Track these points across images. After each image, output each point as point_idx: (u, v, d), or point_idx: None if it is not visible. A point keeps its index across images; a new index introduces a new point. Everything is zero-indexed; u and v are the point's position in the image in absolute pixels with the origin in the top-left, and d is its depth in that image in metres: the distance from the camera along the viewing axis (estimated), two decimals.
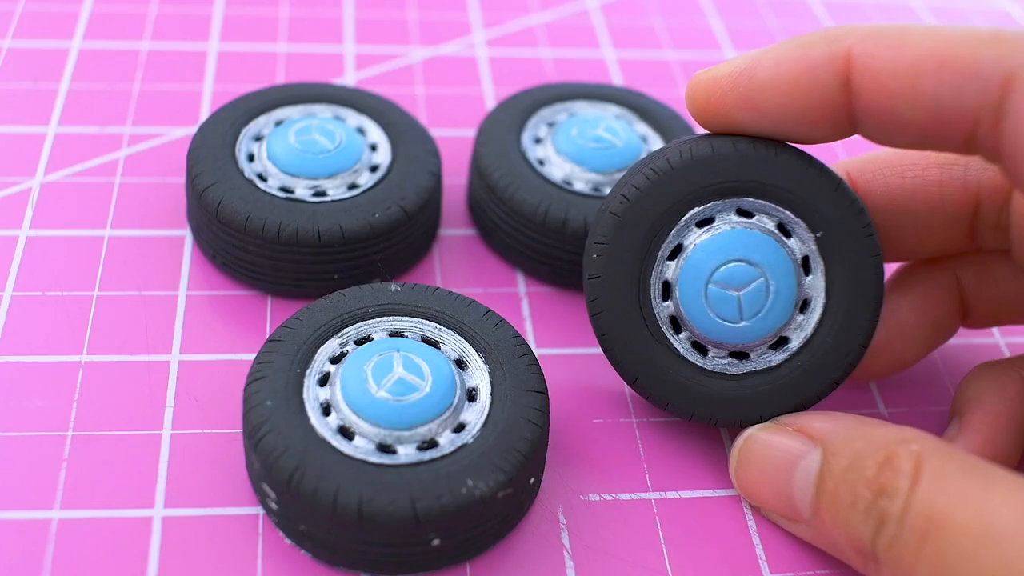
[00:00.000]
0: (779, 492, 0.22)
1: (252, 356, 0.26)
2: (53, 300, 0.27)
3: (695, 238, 0.23)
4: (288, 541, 0.22)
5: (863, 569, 0.21)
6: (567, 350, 0.27)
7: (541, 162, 0.29)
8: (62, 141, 0.32)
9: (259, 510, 0.23)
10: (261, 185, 0.27)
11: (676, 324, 0.24)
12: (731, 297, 0.23)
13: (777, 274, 0.23)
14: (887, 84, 0.20)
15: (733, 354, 0.24)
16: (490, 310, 0.25)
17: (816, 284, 0.23)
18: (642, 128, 0.31)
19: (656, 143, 0.31)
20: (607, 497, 0.24)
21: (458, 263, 0.30)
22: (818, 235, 0.23)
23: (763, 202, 0.23)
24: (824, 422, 0.22)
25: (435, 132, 0.34)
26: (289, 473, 0.21)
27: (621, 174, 0.29)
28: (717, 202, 0.23)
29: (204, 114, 0.33)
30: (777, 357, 0.23)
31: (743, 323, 0.23)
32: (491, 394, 0.23)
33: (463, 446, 0.22)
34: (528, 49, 0.38)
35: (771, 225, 0.23)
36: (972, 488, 0.19)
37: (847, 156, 0.35)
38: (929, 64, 0.20)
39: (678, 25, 0.41)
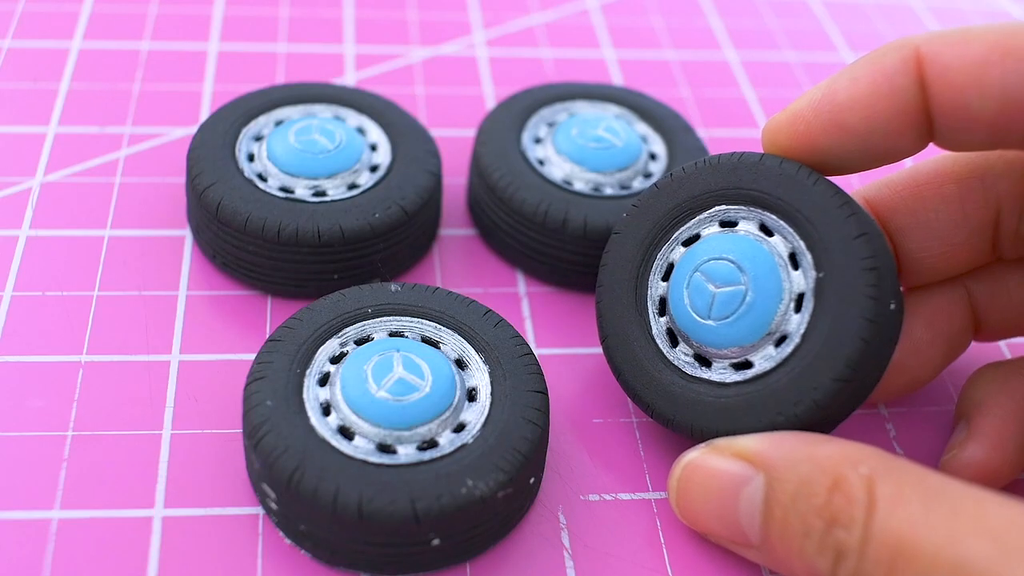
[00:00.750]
0: (724, 520, 0.22)
1: (252, 356, 0.26)
2: (53, 300, 0.27)
3: (681, 254, 0.24)
4: (288, 541, 0.22)
5: None
6: (567, 350, 0.27)
7: (541, 162, 0.29)
8: (62, 141, 0.32)
9: (259, 510, 0.23)
10: (261, 185, 0.27)
11: (673, 337, 0.24)
12: (708, 291, 0.23)
13: (760, 292, 0.22)
14: (956, 79, 0.21)
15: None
16: (490, 310, 0.25)
17: (800, 324, 0.22)
18: (642, 128, 0.31)
19: (656, 143, 0.31)
20: (607, 497, 0.24)
21: (458, 263, 0.30)
22: (820, 275, 0.22)
23: (786, 225, 0.23)
24: (763, 443, 0.21)
25: (435, 132, 0.34)
26: (289, 473, 0.21)
27: (621, 174, 0.29)
28: (742, 207, 0.23)
29: (204, 114, 0.33)
30: (732, 376, 0.23)
31: (708, 322, 0.23)
32: (491, 394, 0.23)
33: (463, 446, 0.22)
34: (528, 49, 0.38)
35: (784, 251, 0.23)
36: (936, 513, 0.18)
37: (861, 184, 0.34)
38: (994, 55, 0.20)
39: (678, 25, 0.41)
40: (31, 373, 0.25)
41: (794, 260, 0.23)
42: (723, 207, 0.24)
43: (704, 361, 0.23)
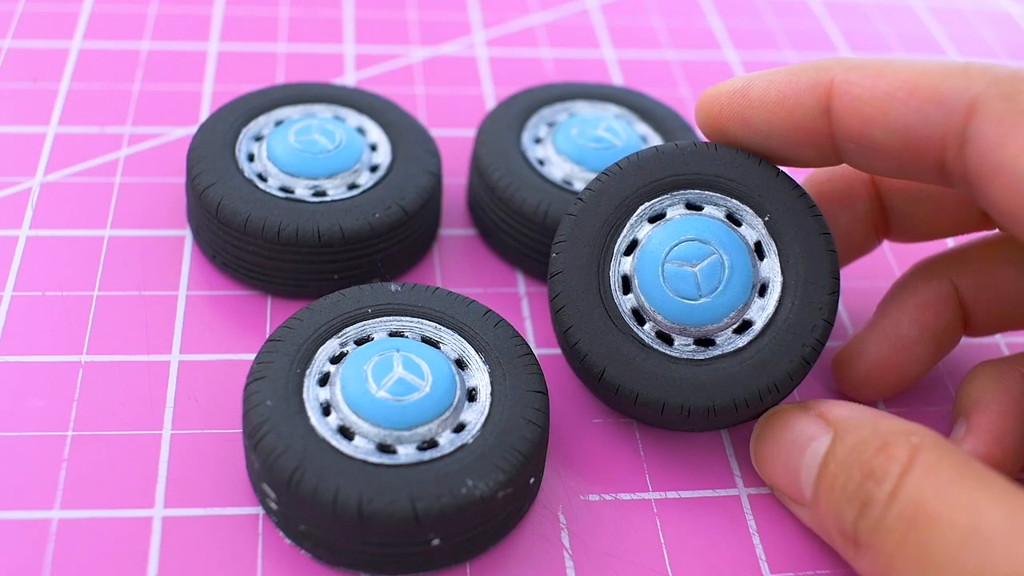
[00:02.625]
0: (789, 472, 0.23)
1: (252, 356, 0.26)
2: (53, 300, 0.27)
3: (648, 231, 0.24)
4: (288, 541, 0.22)
5: (846, 555, 0.21)
6: None
7: (541, 162, 0.29)
8: (62, 141, 0.32)
9: (259, 510, 0.23)
10: (261, 185, 0.27)
11: (639, 316, 0.24)
12: (688, 273, 0.23)
13: (731, 252, 0.23)
14: (862, 110, 0.22)
15: (699, 341, 0.23)
16: (490, 310, 0.25)
17: (772, 267, 0.24)
18: (642, 128, 0.31)
19: (656, 143, 0.31)
20: (607, 497, 0.24)
21: (458, 263, 0.30)
22: (766, 219, 0.24)
23: (709, 193, 0.24)
24: (843, 409, 0.22)
25: (435, 132, 0.34)
26: (289, 473, 0.21)
27: None
28: (665, 196, 0.24)
29: (204, 114, 0.33)
30: (742, 339, 0.23)
31: (703, 299, 0.23)
32: (491, 394, 0.23)
33: (463, 446, 0.22)
34: (528, 49, 0.38)
35: (720, 215, 0.24)
36: (964, 484, 0.19)
37: None
38: (900, 92, 0.21)
39: (678, 25, 0.41)
40: (31, 373, 0.25)
41: (733, 220, 0.24)
42: (646, 204, 0.24)
43: (707, 342, 0.23)
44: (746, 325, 0.24)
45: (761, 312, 0.23)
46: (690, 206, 0.24)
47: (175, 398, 0.25)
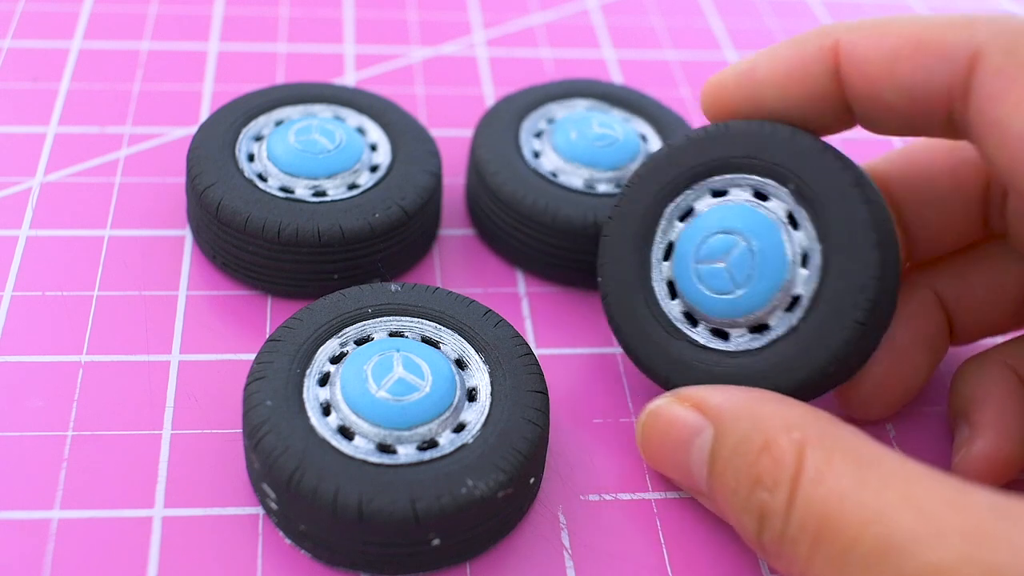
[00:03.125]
0: (679, 467, 0.22)
1: (252, 356, 0.26)
2: (53, 300, 0.27)
3: (680, 230, 0.24)
4: (288, 541, 0.22)
5: (759, 554, 0.21)
6: (567, 350, 0.27)
7: (539, 161, 0.29)
8: (62, 141, 0.32)
9: (259, 510, 0.23)
10: (261, 185, 0.27)
11: (691, 318, 0.24)
12: (719, 269, 0.23)
13: (757, 234, 0.23)
14: (869, 70, 0.21)
15: (753, 329, 0.23)
16: (490, 310, 0.25)
17: (809, 235, 0.22)
18: (640, 125, 0.31)
19: (654, 140, 0.31)
20: (607, 497, 0.24)
21: (458, 263, 0.30)
22: (790, 187, 0.23)
23: (729, 175, 0.24)
24: (718, 396, 0.22)
25: (435, 132, 0.34)
26: (289, 473, 0.21)
27: (619, 171, 0.29)
28: (688, 191, 0.24)
29: (204, 114, 0.33)
30: (794, 316, 0.22)
31: (740, 291, 0.23)
32: (491, 394, 0.23)
33: (463, 446, 0.22)
34: (528, 49, 0.38)
35: (747, 195, 0.24)
36: (864, 485, 0.18)
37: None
38: (905, 49, 0.21)
39: (678, 25, 0.41)
40: (31, 373, 0.25)
41: (760, 196, 0.23)
42: (671, 205, 0.24)
43: (762, 327, 0.23)
44: (795, 301, 0.23)
45: (807, 284, 0.22)
46: (716, 193, 0.24)
47: (175, 398, 0.25)
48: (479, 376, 0.23)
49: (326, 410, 0.22)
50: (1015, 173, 0.19)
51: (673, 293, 0.24)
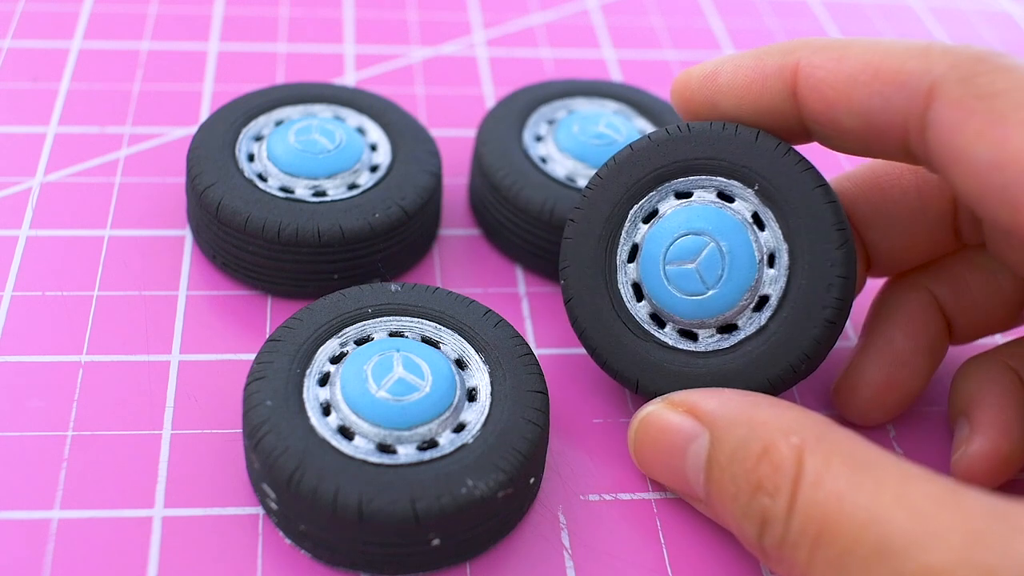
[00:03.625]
0: (674, 473, 0.22)
1: (252, 356, 0.26)
2: (53, 300, 0.27)
3: (644, 232, 0.24)
4: (288, 541, 0.22)
5: (758, 558, 0.21)
6: (567, 350, 0.27)
7: (544, 160, 0.29)
8: (62, 141, 0.32)
9: (259, 510, 0.23)
10: (261, 185, 0.27)
11: (658, 320, 0.24)
12: (689, 270, 0.23)
13: (725, 234, 0.23)
14: (827, 93, 0.22)
15: (721, 329, 0.23)
16: (490, 310, 0.25)
17: (774, 235, 0.23)
18: (640, 123, 0.31)
19: None
20: (607, 497, 0.24)
21: (458, 263, 0.30)
22: (755, 188, 0.23)
23: (694, 177, 0.24)
24: (712, 401, 0.22)
25: (435, 132, 0.34)
26: (289, 473, 0.21)
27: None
28: (652, 193, 0.24)
29: (204, 114, 0.33)
30: (763, 316, 0.23)
31: (711, 291, 0.23)
32: (491, 394, 0.23)
33: (463, 446, 0.22)
34: (528, 49, 0.38)
35: (711, 196, 0.24)
36: (860, 488, 0.18)
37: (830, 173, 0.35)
38: (863, 75, 0.21)
39: (678, 25, 0.41)
40: (31, 373, 0.25)
41: (724, 197, 0.24)
42: (635, 206, 0.24)
43: (730, 327, 0.23)
44: (763, 301, 0.23)
45: (774, 284, 0.23)
46: (679, 195, 0.24)
47: (175, 398, 0.25)
48: (479, 376, 0.23)
49: (326, 410, 0.22)
50: (983, 199, 0.19)
51: (639, 295, 0.24)
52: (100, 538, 0.22)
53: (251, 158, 0.28)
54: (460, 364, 0.24)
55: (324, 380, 0.23)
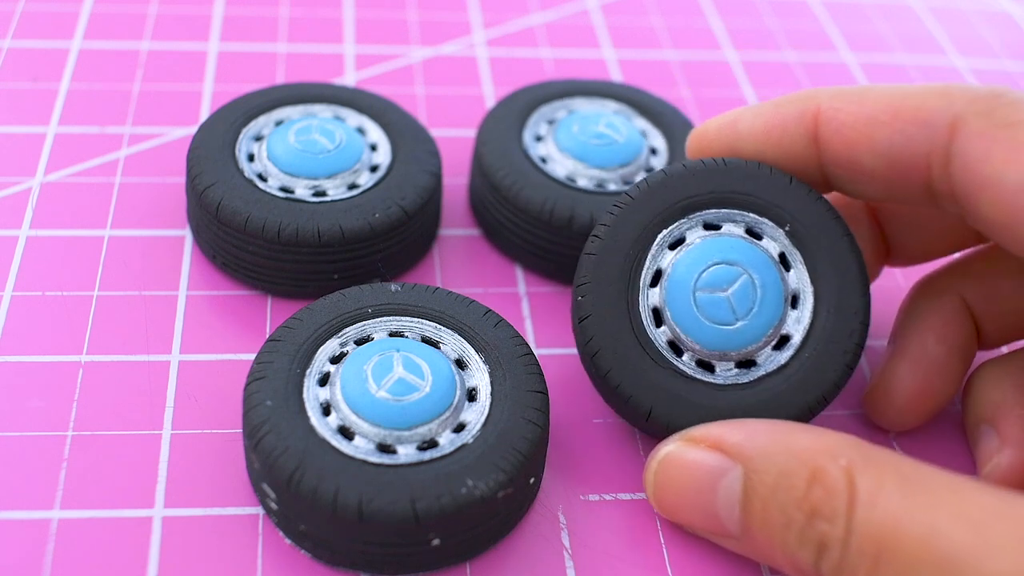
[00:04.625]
0: (703, 512, 0.21)
1: (252, 356, 0.26)
2: (53, 300, 0.27)
3: (671, 259, 0.23)
4: (288, 541, 0.22)
5: None
6: (567, 350, 0.27)
7: (544, 160, 0.29)
8: (62, 141, 0.32)
9: (259, 510, 0.23)
10: (261, 185, 0.27)
11: (676, 347, 0.23)
12: (721, 299, 0.23)
13: (758, 269, 0.23)
14: (848, 135, 0.22)
15: (740, 364, 0.23)
16: (490, 310, 0.25)
17: (800, 277, 0.23)
18: (640, 123, 0.31)
19: (655, 137, 0.31)
20: (607, 497, 0.24)
21: (458, 263, 0.30)
22: (786, 228, 0.23)
23: (725, 210, 0.24)
24: (738, 434, 0.21)
25: (435, 132, 0.34)
26: (289, 473, 0.21)
27: (624, 169, 0.29)
28: (683, 220, 0.24)
29: (204, 114, 0.33)
30: (784, 355, 0.23)
31: (740, 323, 0.23)
32: (491, 394, 0.23)
33: (463, 446, 0.22)
34: (528, 49, 0.38)
35: (740, 231, 0.24)
36: (916, 504, 0.18)
37: None
38: (884, 115, 0.22)
39: (678, 25, 0.41)
40: (31, 373, 0.25)
41: (753, 234, 0.24)
42: (664, 231, 0.24)
43: (749, 363, 0.23)
44: (784, 340, 0.23)
45: (797, 325, 0.23)
46: (708, 226, 0.24)
47: (175, 398, 0.25)
48: (479, 376, 0.23)
49: (326, 410, 0.22)
50: (1013, 226, 0.20)
51: (658, 321, 0.23)
52: (100, 538, 0.22)
53: (251, 158, 0.28)
54: (460, 364, 0.24)
55: (324, 380, 0.23)
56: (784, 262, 0.24)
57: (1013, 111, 0.20)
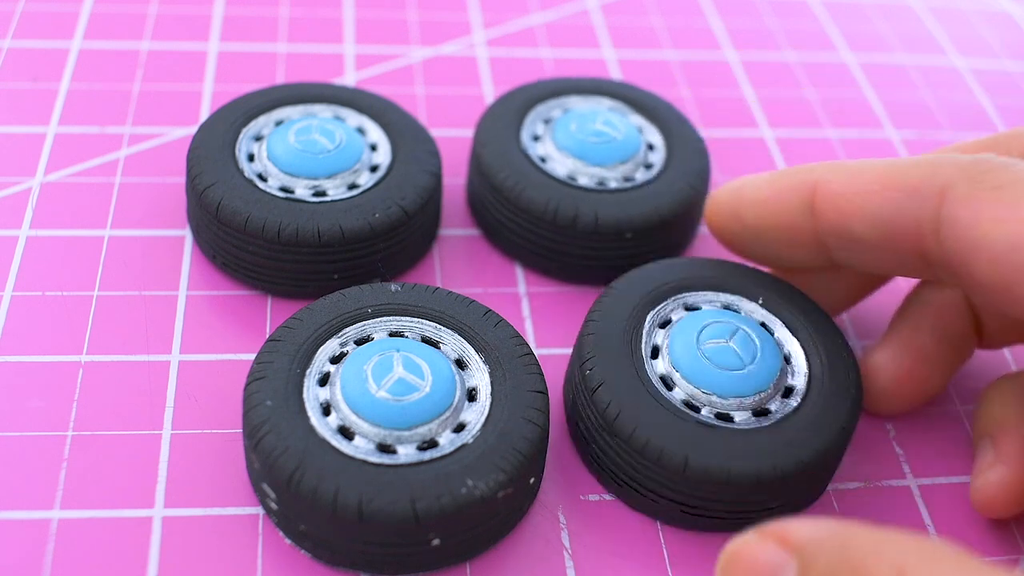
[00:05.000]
0: None
1: (252, 356, 0.26)
2: (53, 300, 0.27)
3: (665, 334, 0.25)
4: (288, 541, 0.22)
5: None
6: (567, 350, 0.27)
7: (543, 159, 0.29)
8: (62, 141, 0.32)
9: (259, 510, 0.23)
10: (261, 185, 0.27)
11: (692, 406, 0.23)
12: (726, 347, 0.24)
13: (750, 326, 0.25)
14: (841, 205, 0.23)
15: (756, 413, 0.23)
16: (490, 310, 0.25)
17: (784, 336, 0.25)
18: (636, 119, 0.31)
19: (651, 133, 0.31)
20: (607, 497, 0.24)
21: (458, 263, 0.30)
22: (759, 301, 0.26)
23: (701, 292, 0.26)
24: (805, 528, 0.20)
25: (435, 132, 0.34)
26: (289, 473, 0.21)
27: (624, 166, 0.29)
28: (667, 302, 0.25)
29: (204, 114, 0.33)
30: (794, 401, 0.24)
31: (748, 367, 0.24)
32: (491, 394, 0.23)
33: (463, 446, 0.22)
34: (528, 49, 0.38)
35: (717, 308, 0.26)
36: None
37: None
38: (875, 185, 0.23)
39: (678, 25, 0.41)
40: (31, 373, 0.25)
41: (766, 328, 0.25)
42: (688, 293, 0.26)
43: (763, 412, 0.24)
44: (790, 390, 0.24)
45: (797, 376, 0.24)
46: (688, 308, 0.25)
47: (175, 398, 0.25)
48: (479, 376, 0.23)
49: (326, 410, 0.22)
50: (1005, 286, 0.20)
51: (668, 387, 0.24)
52: (100, 538, 0.22)
53: (251, 158, 0.28)
54: (460, 364, 0.24)
55: (324, 380, 0.23)
56: (766, 328, 0.25)
57: (999, 175, 0.21)
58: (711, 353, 0.24)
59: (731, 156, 0.34)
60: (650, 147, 0.30)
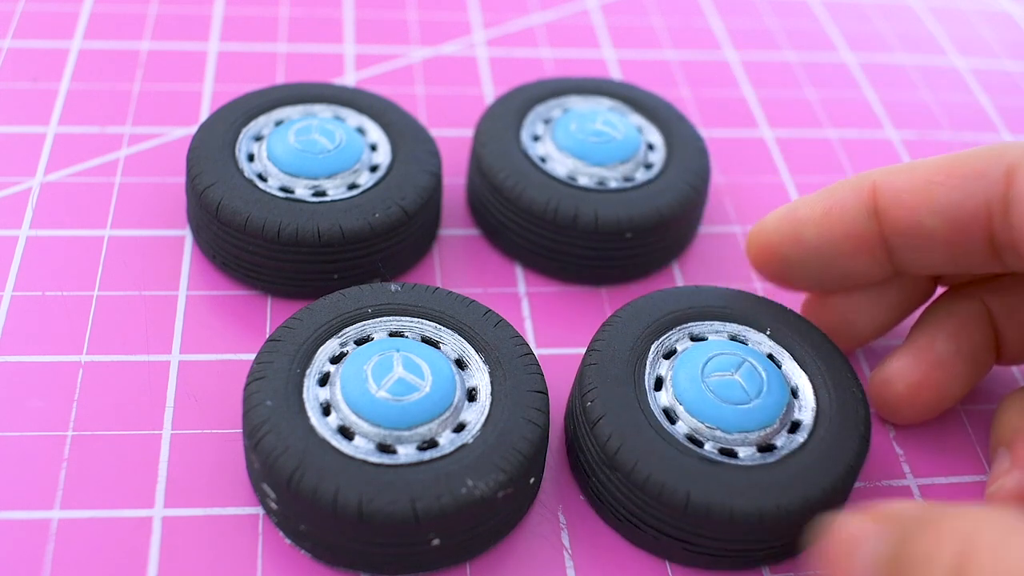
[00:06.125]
0: (849, 572, 0.20)
1: (252, 356, 0.26)
2: (53, 300, 0.27)
3: (669, 365, 0.24)
4: (288, 541, 0.22)
5: None
6: (567, 350, 0.27)
7: (543, 159, 0.29)
8: (62, 141, 0.32)
9: (259, 510, 0.23)
10: (261, 185, 0.27)
11: (696, 440, 0.23)
12: (732, 380, 0.23)
13: (756, 358, 0.24)
14: (907, 200, 0.23)
15: (761, 448, 0.23)
16: (490, 310, 0.25)
17: (792, 369, 0.25)
18: (636, 119, 0.31)
19: (651, 132, 0.31)
20: None
21: (458, 263, 0.30)
22: (767, 332, 0.25)
23: (707, 322, 0.25)
24: (894, 505, 0.20)
25: (435, 132, 0.34)
26: (289, 473, 0.21)
27: (624, 166, 0.29)
28: (671, 332, 0.25)
29: (204, 114, 0.33)
30: (800, 437, 0.23)
31: (754, 402, 0.23)
32: (491, 394, 0.23)
33: (463, 446, 0.22)
34: (528, 49, 0.38)
35: (724, 339, 0.25)
36: None
37: None
38: (939, 175, 0.23)
39: (678, 25, 0.41)
40: (31, 373, 0.25)
41: (738, 340, 0.25)
42: (694, 323, 0.25)
43: (769, 447, 0.23)
44: (796, 425, 0.24)
45: (804, 410, 0.24)
46: (694, 338, 0.25)
47: (175, 398, 0.25)
48: (479, 376, 0.23)
49: (326, 410, 0.22)
50: None
51: (671, 420, 0.23)
52: (100, 538, 0.22)
53: (251, 158, 0.28)
54: (460, 364, 0.24)
55: (324, 380, 0.23)
56: (774, 360, 0.25)
57: None
58: (716, 386, 0.23)
59: (731, 156, 0.34)
60: (650, 147, 0.30)
